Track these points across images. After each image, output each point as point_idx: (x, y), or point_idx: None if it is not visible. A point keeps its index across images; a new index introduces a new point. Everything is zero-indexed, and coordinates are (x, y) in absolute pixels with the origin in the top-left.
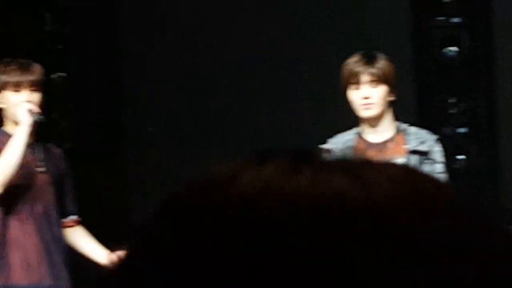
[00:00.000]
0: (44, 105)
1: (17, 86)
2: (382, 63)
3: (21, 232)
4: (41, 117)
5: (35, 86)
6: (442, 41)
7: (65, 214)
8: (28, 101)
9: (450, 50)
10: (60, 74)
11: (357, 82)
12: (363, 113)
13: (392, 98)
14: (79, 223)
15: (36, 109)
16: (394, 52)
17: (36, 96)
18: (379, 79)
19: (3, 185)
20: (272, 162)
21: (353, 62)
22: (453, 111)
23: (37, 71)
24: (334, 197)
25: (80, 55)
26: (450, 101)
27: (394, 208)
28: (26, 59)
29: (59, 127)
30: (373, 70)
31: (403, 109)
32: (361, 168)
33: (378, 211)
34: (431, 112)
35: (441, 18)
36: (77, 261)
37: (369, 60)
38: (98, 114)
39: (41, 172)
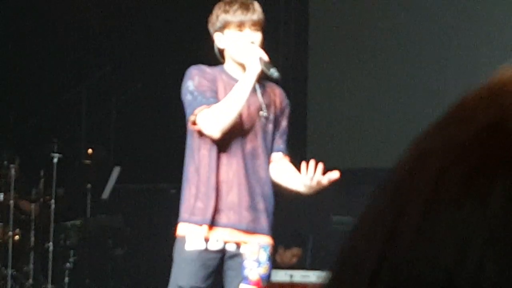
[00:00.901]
0: (264, 46)
1: (240, 26)
2: None
3: (227, 169)
4: (274, 71)
5: (257, 25)
6: None
7: (272, 150)
8: (252, 42)
9: None
10: None
11: None
12: None
13: None
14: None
15: (266, 57)
16: None
17: (258, 36)
18: None
19: (222, 131)
20: None
21: None
22: None
23: (258, 10)
24: None
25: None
26: None
27: None
28: None
29: None
30: None
31: None
32: None
33: None
34: None
35: None
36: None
37: None
38: (283, 60)
39: (259, 115)
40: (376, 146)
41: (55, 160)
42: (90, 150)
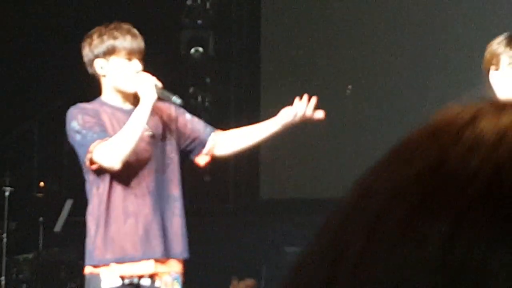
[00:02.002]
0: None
1: (130, 54)
2: None
3: (130, 201)
4: (176, 98)
5: (142, 54)
6: None
7: (204, 141)
8: (139, 71)
9: None
10: (197, 48)
11: (497, 64)
12: (499, 95)
13: None
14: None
15: (160, 84)
16: None
17: (141, 65)
18: None
19: (123, 162)
20: None
21: (496, 44)
22: None
23: (142, 38)
24: None
25: (218, 30)
26: None
27: None
28: (127, 23)
29: (195, 102)
30: None
31: None
32: None
33: None
34: None
35: None
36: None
37: (511, 42)
38: (235, 90)
39: (148, 135)
40: (330, 176)
41: (7, 193)
42: (42, 183)
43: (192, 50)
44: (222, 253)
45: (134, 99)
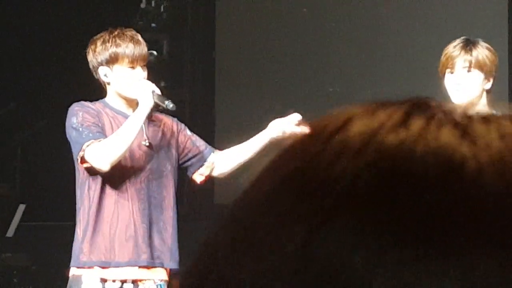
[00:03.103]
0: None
1: (132, 62)
2: (480, 50)
3: (121, 206)
4: (169, 103)
5: (146, 60)
6: None
7: (203, 159)
8: (143, 79)
9: None
10: (152, 52)
11: (452, 67)
12: (453, 98)
13: (488, 86)
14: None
15: (158, 90)
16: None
17: (145, 73)
18: (473, 66)
19: (112, 164)
20: (386, 110)
21: (452, 47)
22: None
23: (145, 44)
24: (438, 154)
25: (173, 34)
26: None
27: (499, 169)
28: (130, 29)
29: None
30: (468, 56)
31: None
32: (474, 123)
33: (480, 172)
34: None
35: None
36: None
37: (467, 46)
38: (190, 94)
39: (145, 145)
40: None
41: None
42: None
43: None
44: None
45: (138, 106)
